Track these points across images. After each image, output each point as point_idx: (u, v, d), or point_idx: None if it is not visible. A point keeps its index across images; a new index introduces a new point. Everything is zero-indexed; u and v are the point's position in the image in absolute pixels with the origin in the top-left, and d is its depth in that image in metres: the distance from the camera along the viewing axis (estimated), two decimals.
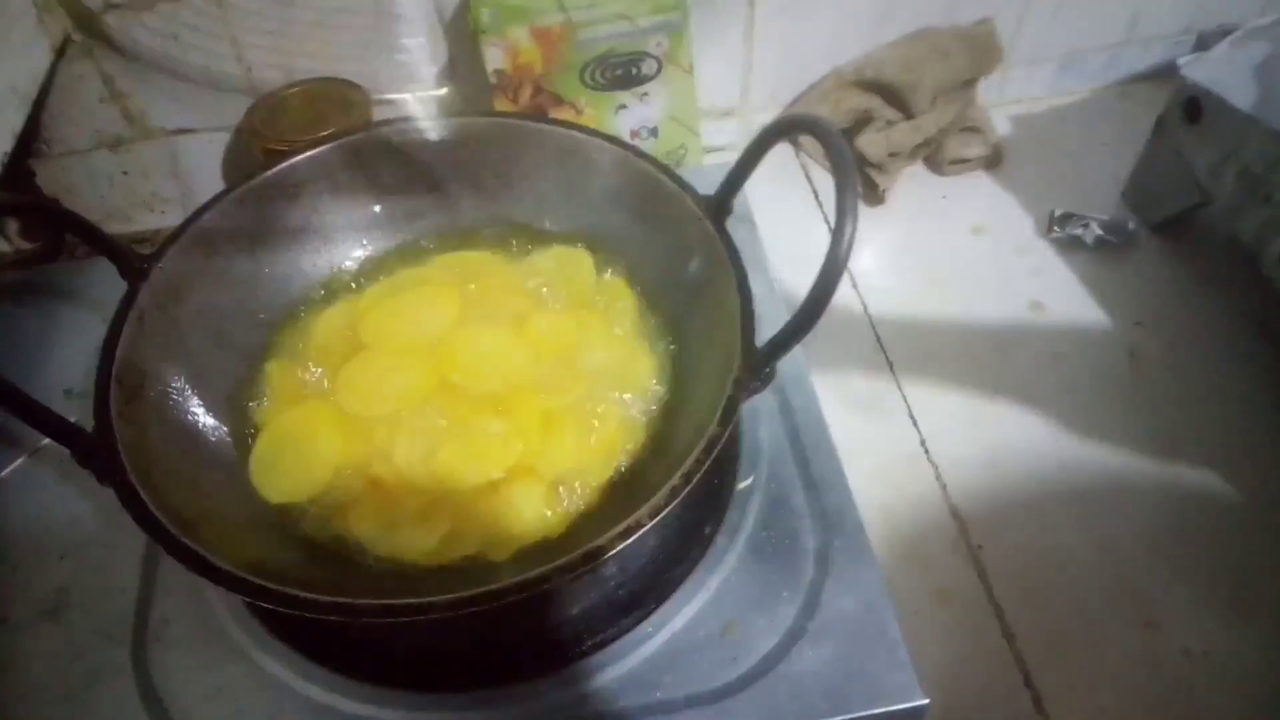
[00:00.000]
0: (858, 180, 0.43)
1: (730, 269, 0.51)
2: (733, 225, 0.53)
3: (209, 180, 0.89)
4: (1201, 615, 0.68)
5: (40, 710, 0.49)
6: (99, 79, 0.80)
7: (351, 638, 0.50)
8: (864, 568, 0.52)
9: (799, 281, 0.69)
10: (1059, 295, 0.86)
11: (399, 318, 0.56)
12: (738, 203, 0.54)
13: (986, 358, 0.83)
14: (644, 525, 0.42)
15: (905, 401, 0.80)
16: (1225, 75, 0.77)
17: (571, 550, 0.43)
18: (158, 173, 0.88)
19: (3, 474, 0.58)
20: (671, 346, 0.56)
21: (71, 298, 0.68)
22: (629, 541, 0.42)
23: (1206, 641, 0.66)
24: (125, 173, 0.88)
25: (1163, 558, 0.70)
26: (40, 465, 0.59)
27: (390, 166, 0.59)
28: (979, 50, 0.92)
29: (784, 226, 0.83)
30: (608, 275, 0.59)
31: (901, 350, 0.84)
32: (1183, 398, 0.79)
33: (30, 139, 0.80)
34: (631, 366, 0.55)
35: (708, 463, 0.44)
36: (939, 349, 0.84)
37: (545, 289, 0.59)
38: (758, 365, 0.47)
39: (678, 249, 0.56)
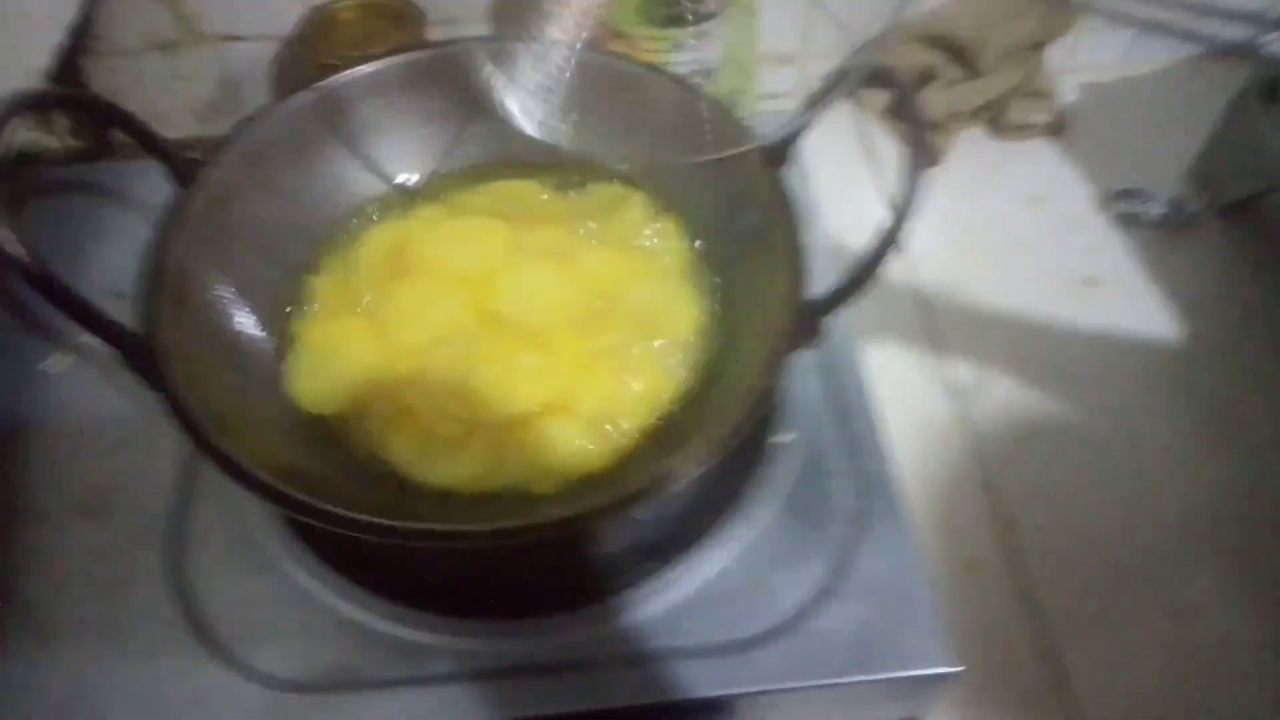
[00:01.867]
0: (926, 138, 0.42)
1: (786, 220, 0.50)
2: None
3: (257, 90, 0.88)
4: (1235, 605, 0.67)
5: (73, 606, 0.50)
6: None
7: (385, 557, 0.50)
8: (899, 532, 0.52)
9: (844, 237, 0.67)
10: (1114, 273, 0.84)
11: (446, 246, 0.55)
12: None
13: (1034, 331, 0.81)
14: (688, 474, 0.42)
15: (946, 369, 0.79)
16: None
17: (614, 489, 0.43)
18: (206, 79, 0.87)
19: (43, 365, 0.58)
20: (718, 295, 0.55)
21: (118, 198, 0.68)
22: (665, 491, 0.41)
23: (1239, 631, 0.66)
24: (177, 77, 0.87)
25: (1200, 545, 0.69)
26: (80, 360, 0.59)
27: (447, 89, 0.58)
28: (1052, 12, 0.89)
29: (832, 178, 0.80)
30: (658, 217, 0.58)
31: (946, 317, 0.82)
32: (1234, 386, 0.77)
33: (81, 34, 0.78)
34: (676, 312, 0.54)
35: (755, 417, 0.43)
36: (985, 318, 0.82)
37: (594, 226, 0.58)
38: (809, 321, 0.46)
39: (732, 196, 0.54)
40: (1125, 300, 0.83)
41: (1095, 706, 0.63)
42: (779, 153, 0.51)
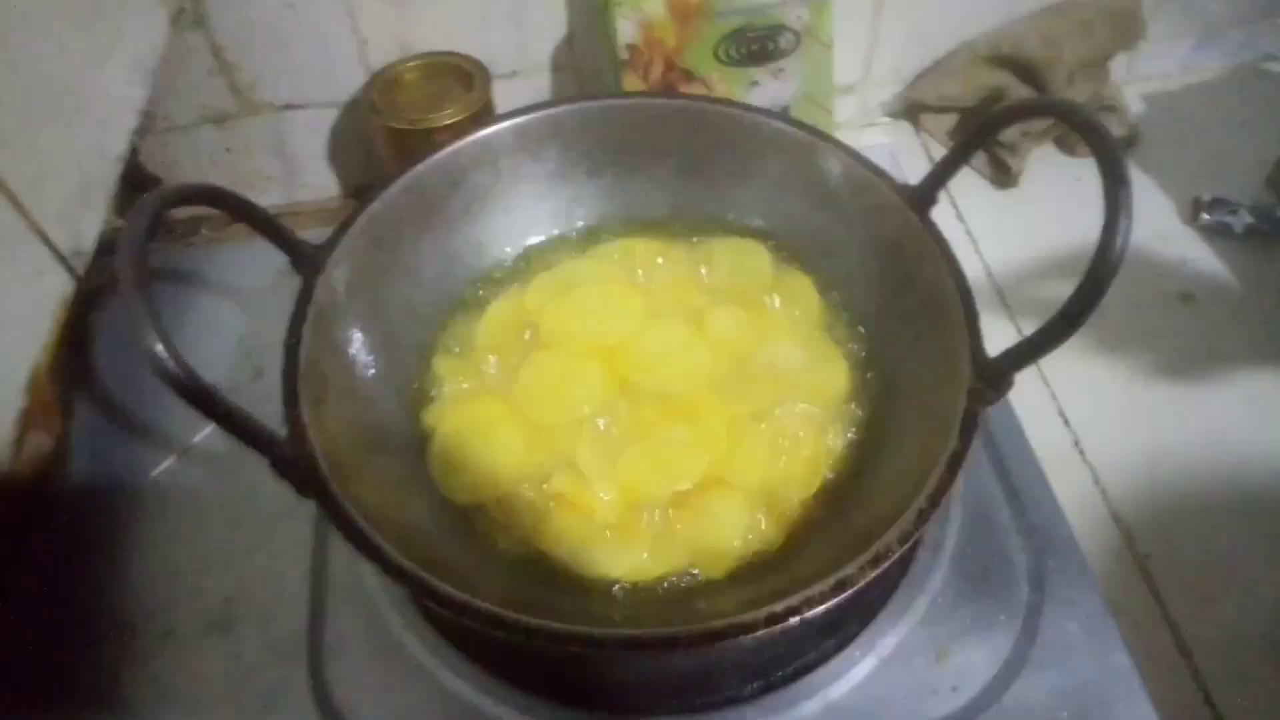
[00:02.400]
0: (1128, 174, 0.39)
1: (944, 266, 0.47)
2: None
3: (315, 159, 0.85)
4: None
5: None
6: (209, 50, 0.76)
7: (544, 657, 0.47)
8: (1083, 589, 0.49)
9: None
10: (1210, 286, 0.82)
11: (579, 317, 0.52)
12: None
13: (1137, 352, 0.79)
14: (895, 552, 0.39)
15: (1055, 399, 0.76)
16: None
17: (793, 570, 0.40)
18: (262, 150, 0.84)
19: (155, 473, 0.55)
20: (865, 350, 0.52)
21: (202, 285, 0.65)
22: (880, 570, 0.38)
23: None
24: (228, 149, 0.84)
25: None
26: (191, 465, 0.56)
27: (554, 150, 0.56)
28: (1121, 23, 0.87)
29: None
30: (788, 271, 0.55)
31: None
32: None
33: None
34: (822, 369, 0.52)
35: (955, 482, 0.40)
36: (1085, 342, 0.80)
37: (720, 283, 0.55)
38: (996, 376, 0.43)
39: (871, 243, 0.52)
40: (1225, 313, 0.81)
41: None
42: (926, 194, 0.49)
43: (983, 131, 0.47)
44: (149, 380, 0.52)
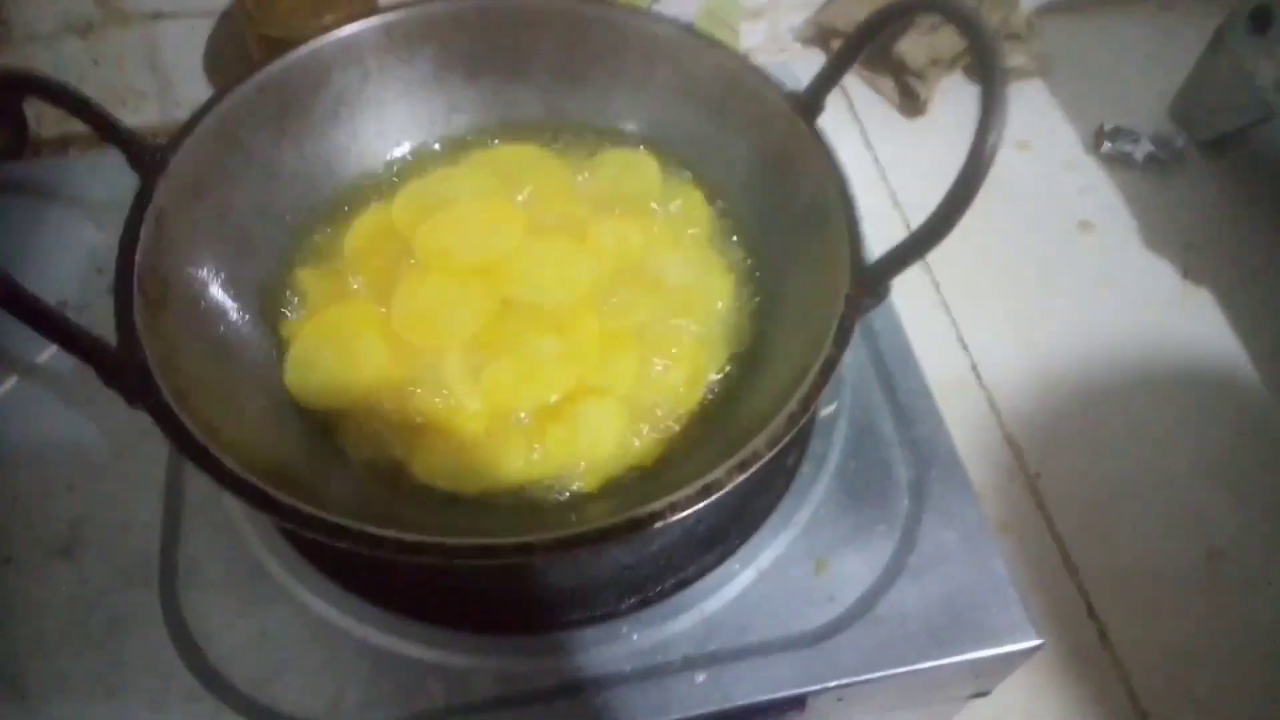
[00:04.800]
0: (1005, 69, 0.38)
1: (829, 174, 0.46)
2: None
3: (190, 73, 0.80)
4: (1264, 544, 0.66)
5: (58, 661, 0.43)
6: None
7: (410, 575, 0.45)
8: (963, 500, 0.49)
9: None
10: (1108, 214, 0.83)
11: (457, 235, 0.50)
12: None
13: (1035, 279, 0.79)
14: (762, 456, 0.38)
15: (954, 325, 0.76)
16: None
17: (666, 481, 0.38)
18: (133, 63, 0.79)
19: None
20: (751, 262, 0.51)
21: (50, 198, 0.60)
22: (747, 475, 0.37)
23: (1272, 571, 0.65)
24: (96, 62, 0.78)
25: (1224, 485, 0.68)
26: (34, 386, 0.52)
27: (428, 51, 0.52)
28: None
29: None
30: (676, 182, 0.53)
31: (946, 270, 0.80)
32: (1237, 321, 0.76)
33: None
34: (707, 284, 0.50)
35: (825, 387, 0.39)
36: (985, 269, 0.80)
37: (604, 194, 0.53)
38: (872, 280, 0.42)
39: (760, 152, 0.50)
40: (1121, 241, 0.81)
41: (1136, 658, 0.62)
42: (812, 103, 0.47)
43: (867, 32, 0.45)
44: None
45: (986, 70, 0.37)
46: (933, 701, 0.52)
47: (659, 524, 0.36)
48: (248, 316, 0.46)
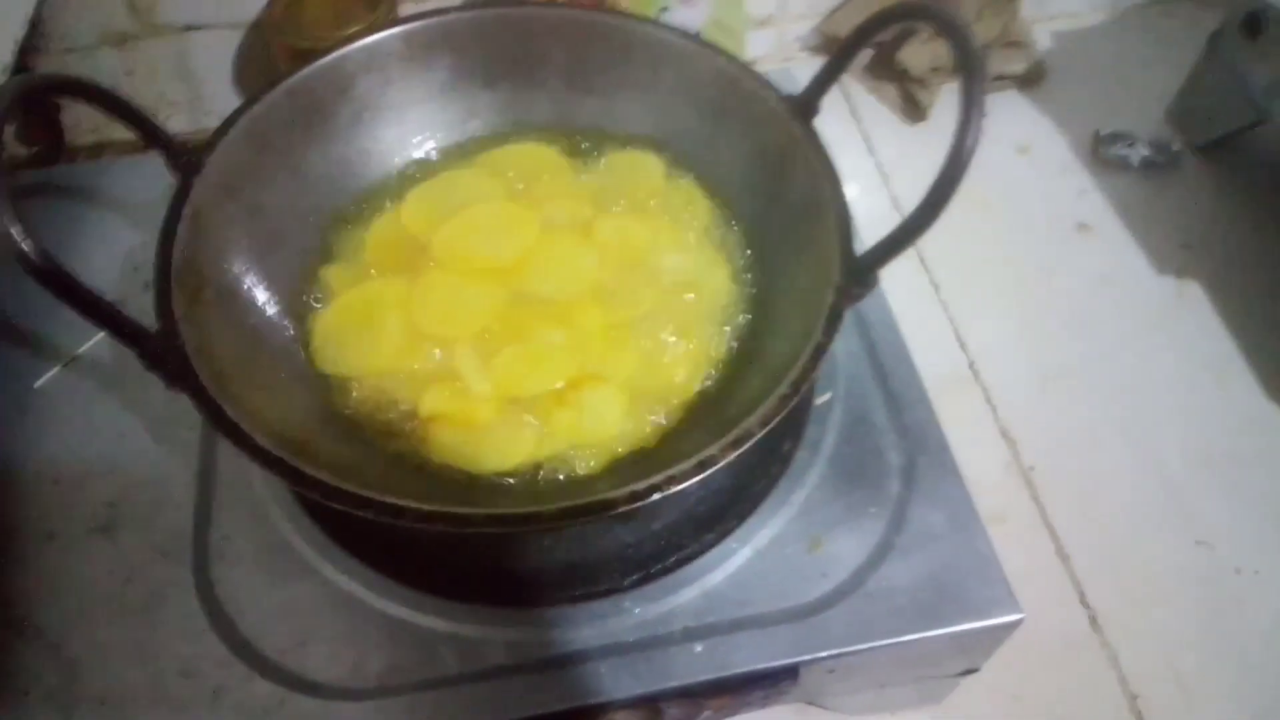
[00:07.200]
0: (986, 72, 0.41)
1: (823, 171, 0.49)
2: None
3: (220, 83, 0.84)
4: (1252, 535, 0.68)
5: (99, 630, 0.46)
6: None
7: (427, 551, 0.48)
8: (950, 484, 0.51)
9: None
10: (1105, 217, 0.85)
11: (472, 238, 0.53)
12: None
13: (1033, 280, 0.81)
14: (755, 434, 0.40)
15: (951, 323, 0.79)
16: None
17: (666, 461, 0.41)
18: (166, 74, 0.83)
19: (39, 384, 0.54)
20: (750, 257, 0.53)
21: (87, 200, 0.64)
22: (741, 451, 0.40)
23: (1257, 560, 0.67)
24: (129, 73, 0.82)
25: (1214, 478, 0.70)
26: (75, 376, 0.55)
27: (446, 60, 0.56)
28: None
29: None
30: (679, 180, 0.56)
31: (946, 271, 0.82)
32: (1231, 321, 0.78)
33: (31, 30, 0.74)
34: (707, 278, 0.53)
35: (815, 372, 0.42)
36: (984, 270, 0.82)
37: (609, 192, 0.56)
38: (861, 271, 0.44)
39: (758, 151, 0.53)
40: (1118, 243, 0.83)
41: (1126, 643, 0.64)
42: (808, 103, 0.50)
43: (859, 38, 0.48)
44: (35, 290, 0.52)
45: (968, 70, 0.39)
46: (924, 678, 0.54)
47: (657, 495, 0.39)
48: (276, 309, 0.49)
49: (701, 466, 0.39)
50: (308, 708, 0.44)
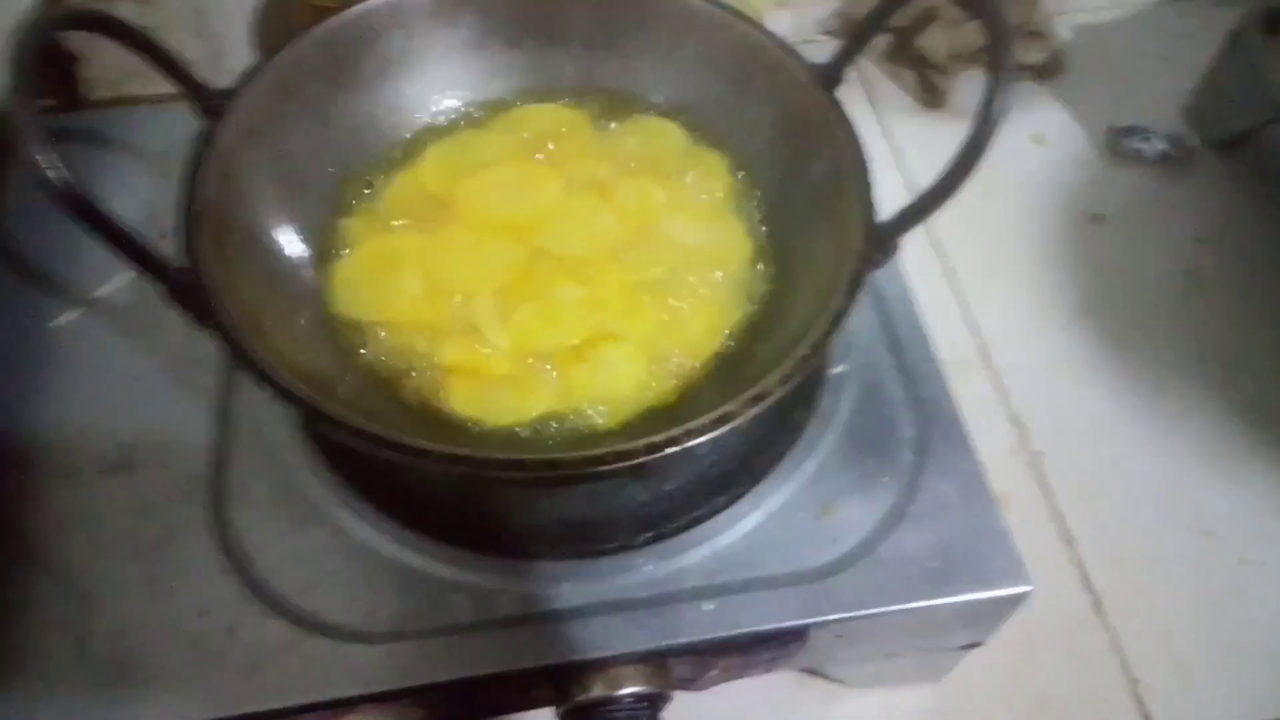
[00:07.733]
0: (1012, 37, 0.41)
1: (846, 140, 0.49)
2: None
3: (239, 41, 0.83)
4: (1257, 526, 0.68)
5: (114, 566, 0.47)
6: None
7: (444, 500, 0.49)
8: (962, 457, 0.52)
9: None
10: (1119, 209, 0.85)
11: (494, 196, 0.53)
12: None
13: (1046, 268, 0.82)
14: (774, 392, 0.41)
15: (965, 308, 0.79)
16: None
17: (685, 420, 0.41)
18: (184, 30, 0.82)
19: (54, 323, 0.54)
20: (770, 224, 0.54)
21: (104, 146, 0.64)
22: (761, 407, 0.40)
23: (1262, 552, 0.67)
24: (147, 29, 0.82)
25: (1221, 469, 0.71)
26: (96, 318, 0.55)
27: (470, 19, 0.56)
28: None
29: None
30: (700, 145, 0.56)
31: (960, 256, 0.82)
32: (1241, 315, 0.79)
33: None
34: (726, 243, 0.53)
35: (835, 334, 0.42)
36: (998, 257, 0.83)
37: (630, 157, 0.56)
38: (883, 238, 0.45)
39: (781, 120, 0.53)
40: (1132, 235, 0.84)
41: (1128, 627, 0.64)
42: (833, 73, 0.50)
43: (885, 8, 0.48)
44: (57, 232, 0.52)
45: (994, 36, 0.40)
46: (929, 649, 0.54)
47: (674, 449, 0.39)
48: (298, 256, 0.49)
49: (721, 421, 0.40)
50: (321, 648, 0.44)
